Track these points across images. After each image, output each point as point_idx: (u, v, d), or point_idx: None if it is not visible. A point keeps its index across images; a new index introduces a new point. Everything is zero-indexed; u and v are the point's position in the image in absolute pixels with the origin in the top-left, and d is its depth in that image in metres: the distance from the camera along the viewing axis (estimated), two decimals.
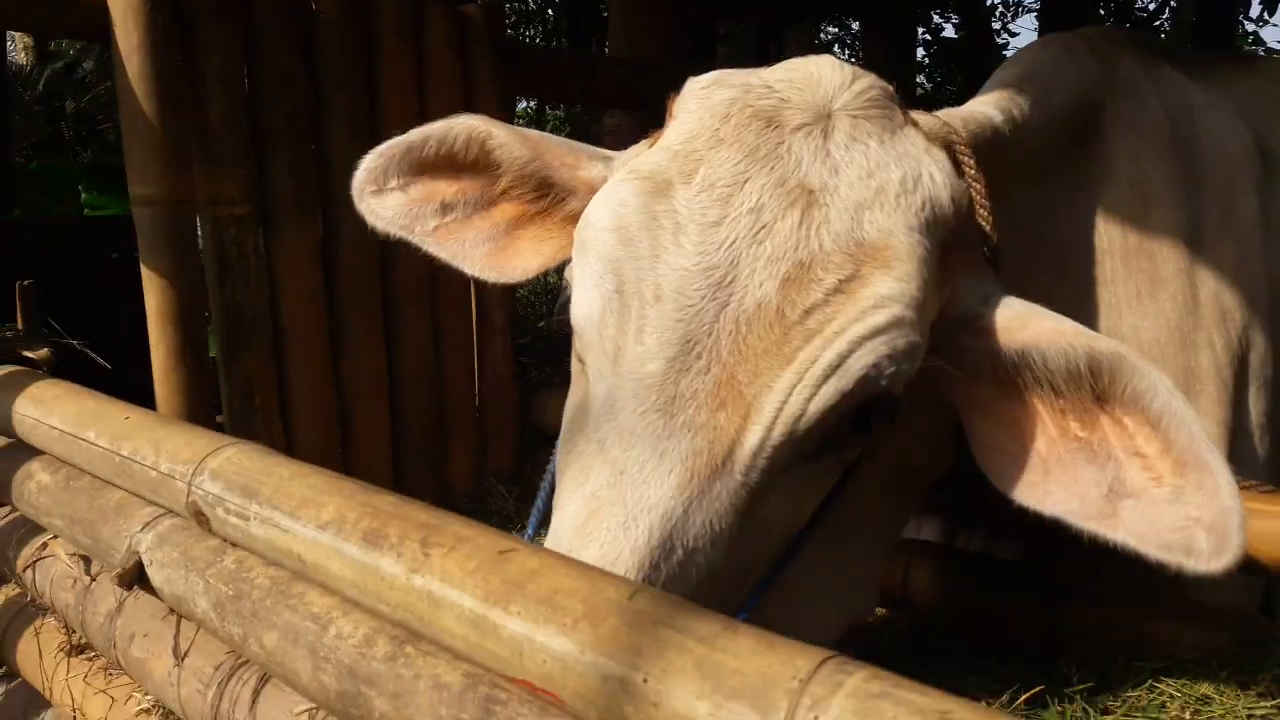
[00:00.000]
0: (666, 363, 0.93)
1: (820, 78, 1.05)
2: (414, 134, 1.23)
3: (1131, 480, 0.90)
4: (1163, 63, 1.79)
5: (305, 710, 0.96)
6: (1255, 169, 1.75)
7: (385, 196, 1.26)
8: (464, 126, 1.23)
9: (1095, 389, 0.95)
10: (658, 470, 0.90)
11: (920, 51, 10.68)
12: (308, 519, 0.93)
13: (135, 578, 1.16)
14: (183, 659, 1.11)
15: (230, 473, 1.05)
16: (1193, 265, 1.61)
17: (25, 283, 1.68)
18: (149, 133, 1.50)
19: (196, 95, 1.59)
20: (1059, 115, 1.48)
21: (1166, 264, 1.59)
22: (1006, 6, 13.13)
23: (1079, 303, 1.57)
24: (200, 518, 1.08)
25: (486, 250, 1.28)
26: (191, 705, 1.08)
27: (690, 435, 0.90)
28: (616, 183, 1.03)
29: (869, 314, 0.91)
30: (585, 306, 1.00)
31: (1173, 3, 9.30)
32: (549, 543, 0.92)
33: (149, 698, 1.26)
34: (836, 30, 14.01)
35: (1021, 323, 1.00)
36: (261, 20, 1.64)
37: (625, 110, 2.67)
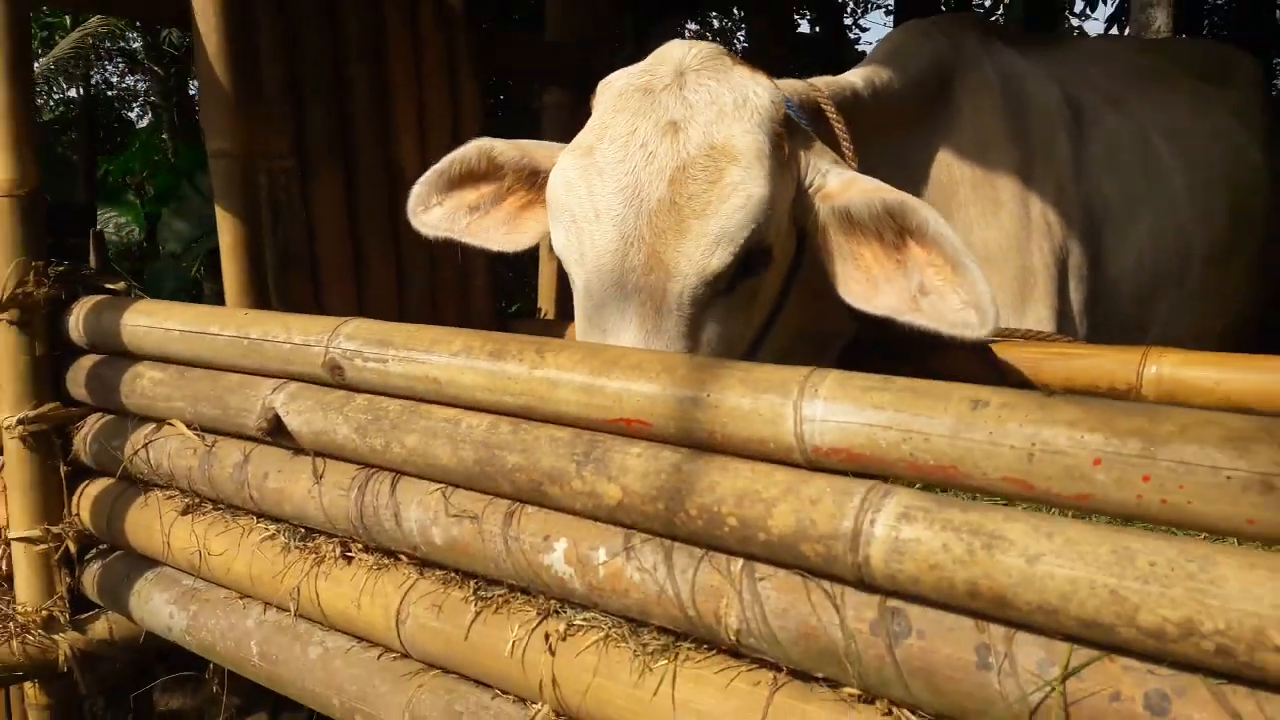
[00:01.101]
0: (612, 255, 1.41)
1: (672, 53, 1.56)
2: (441, 162, 1.70)
3: (929, 283, 1.40)
4: (996, 40, 2.34)
5: (437, 489, 1.38)
6: (1066, 118, 2.31)
7: (430, 212, 1.73)
8: (474, 147, 1.70)
9: (899, 226, 1.44)
10: (622, 322, 1.40)
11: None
12: (441, 351, 1.35)
13: (274, 428, 1.56)
14: (320, 478, 1.51)
15: (363, 334, 1.46)
16: (1024, 191, 2.15)
17: (97, 229, 2.01)
18: (223, 98, 1.86)
19: (254, 67, 1.96)
20: (915, 81, 2.01)
21: (1004, 191, 2.13)
22: (857, 3, 14.03)
23: (946, 215, 2.09)
24: (336, 371, 1.48)
25: (503, 232, 1.76)
26: (336, 508, 1.48)
27: (638, 294, 1.39)
28: (561, 157, 1.51)
29: (729, 192, 1.39)
30: (560, 240, 1.50)
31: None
32: None
33: (272, 525, 1.65)
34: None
35: (845, 185, 1.51)
36: (300, 7, 2.01)
37: (563, 88, 3.09)
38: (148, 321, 1.80)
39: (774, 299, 1.54)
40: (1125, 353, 1.63)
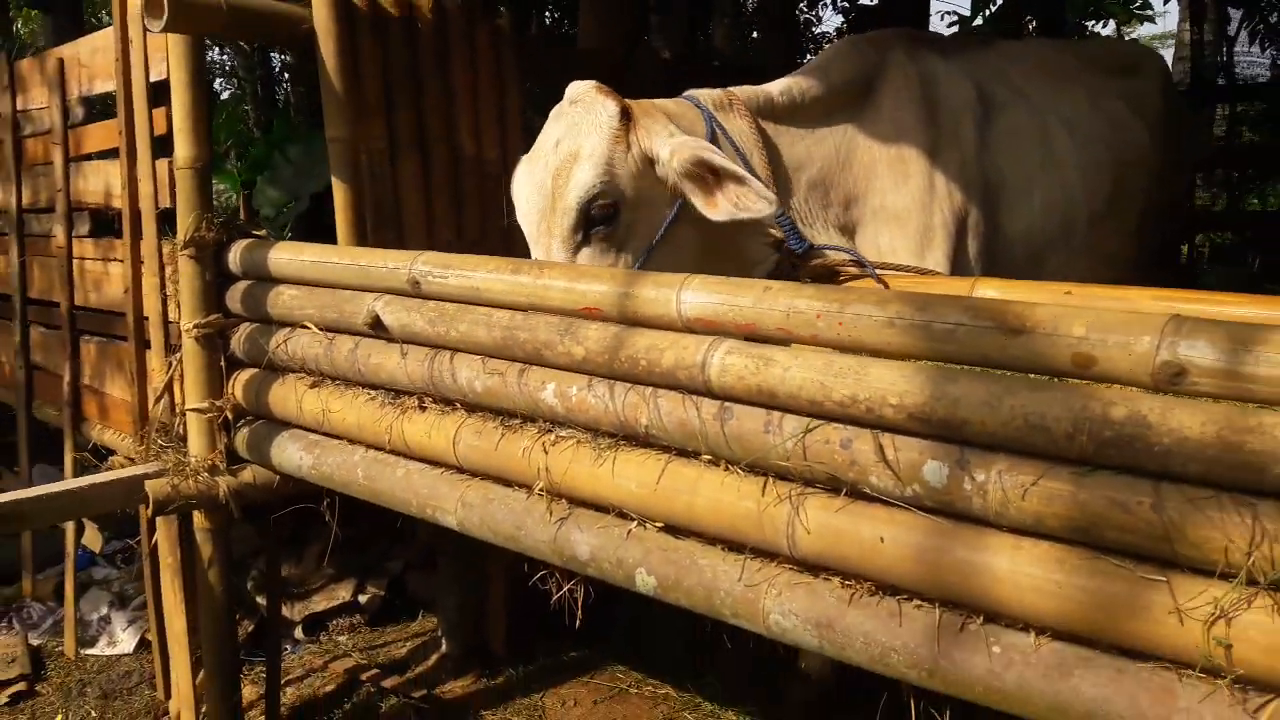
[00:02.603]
0: (533, 221, 2.25)
1: (574, 90, 2.37)
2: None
3: (739, 195, 2.15)
4: (924, 48, 3.00)
5: (477, 358, 2.15)
6: (975, 110, 2.96)
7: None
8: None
9: (708, 167, 2.17)
10: (543, 254, 2.20)
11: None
12: (480, 270, 2.12)
13: (375, 324, 2.35)
14: (405, 355, 2.30)
15: (432, 260, 2.24)
16: (930, 167, 2.82)
17: (245, 192, 2.82)
18: (337, 101, 2.65)
19: (358, 78, 2.75)
20: (838, 86, 2.70)
21: (913, 166, 2.80)
22: None
23: (864, 189, 2.79)
24: (415, 285, 2.26)
25: None
26: (415, 374, 2.27)
27: (545, 240, 2.23)
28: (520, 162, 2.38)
29: (574, 179, 2.19)
30: (519, 212, 2.32)
31: None
32: None
33: (373, 391, 2.44)
34: None
35: (671, 152, 2.24)
36: (392, 31, 2.79)
37: None
38: (287, 255, 2.61)
39: (648, 239, 2.28)
40: (960, 281, 2.33)
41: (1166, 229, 3.46)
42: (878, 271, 2.48)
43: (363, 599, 4.04)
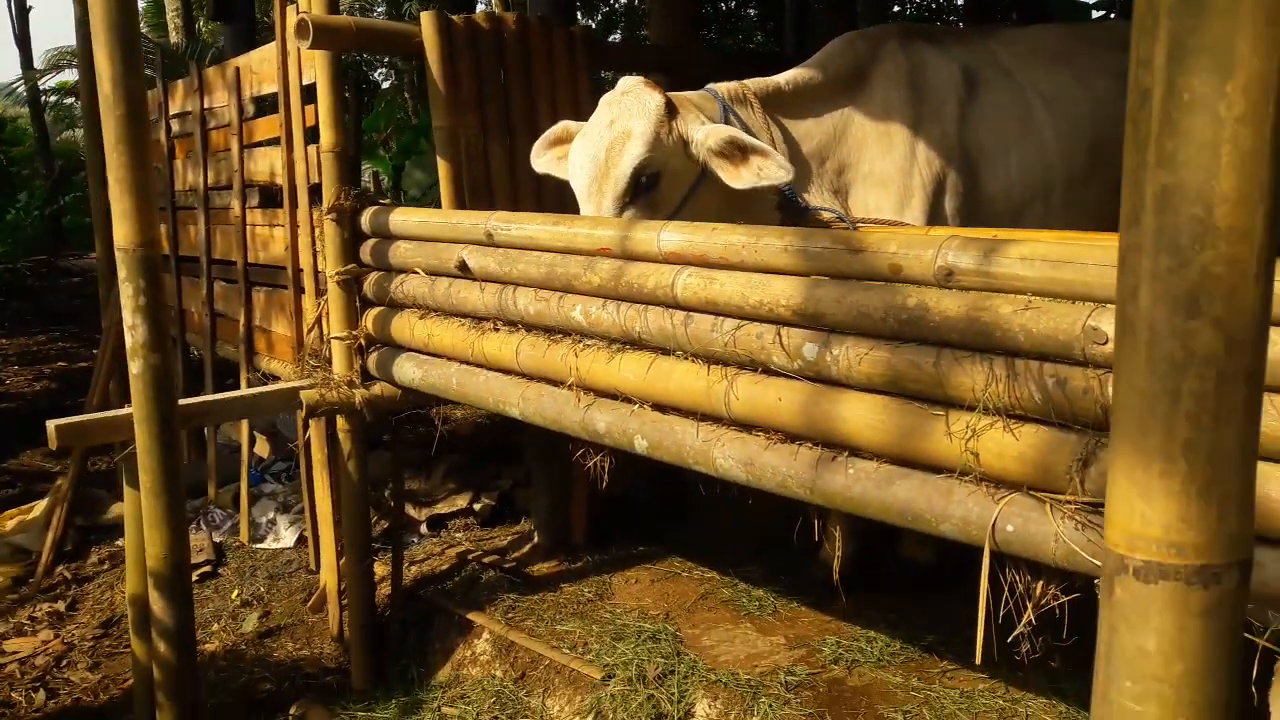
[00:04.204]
0: (586, 184, 2.90)
1: (625, 83, 2.99)
2: (547, 132, 3.19)
3: (761, 165, 2.79)
4: (917, 39, 3.57)
5: (531, 289, 2.92)
6: (959, 90, 3.52)
7: (539, 158, 3.23)
8: (561, 125, 3.18)
9: (737, 144, 2.83)
10: (594, 210, 2.87)
11: None
12: (534, 224, 2.89)
13: (462, 267, 3.14)
14: (483, 289, 3.09)
15: (500, 217, 3.02)
16: (913, 138, 3.41)
17: (366, 176, 3.66)
18: (439, 96, 3.47)
19: (458, 78, 3.55)
20: (834, 76, 3.32)
21: (897, 136, 3.40)
22: None
23: (856, 159, 3.41)
24: (489, 236, 3.05)
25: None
26: (490, 302, 3.05)
27: (597, 199, 2.87)
28: (576, 136, 3.01)
29: (628, 153, 2.83)
30: (572, 177, 2.99)
31: None
32: None
33: (462, 320, 3.24)
34: None
35: (705, 135, 2.89)
36: (483, 40, 3.59)
37: (660, 74, 4.53)
38: (402, 218, 3.44)
39: (676, 203, 2.95)
40: (920, 229, 2.95)
41: None
42: (858, 225, 3.11)
43: (477, 507, 4.91)
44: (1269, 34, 0.81)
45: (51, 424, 3.27)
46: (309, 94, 3.77)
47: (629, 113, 2.93)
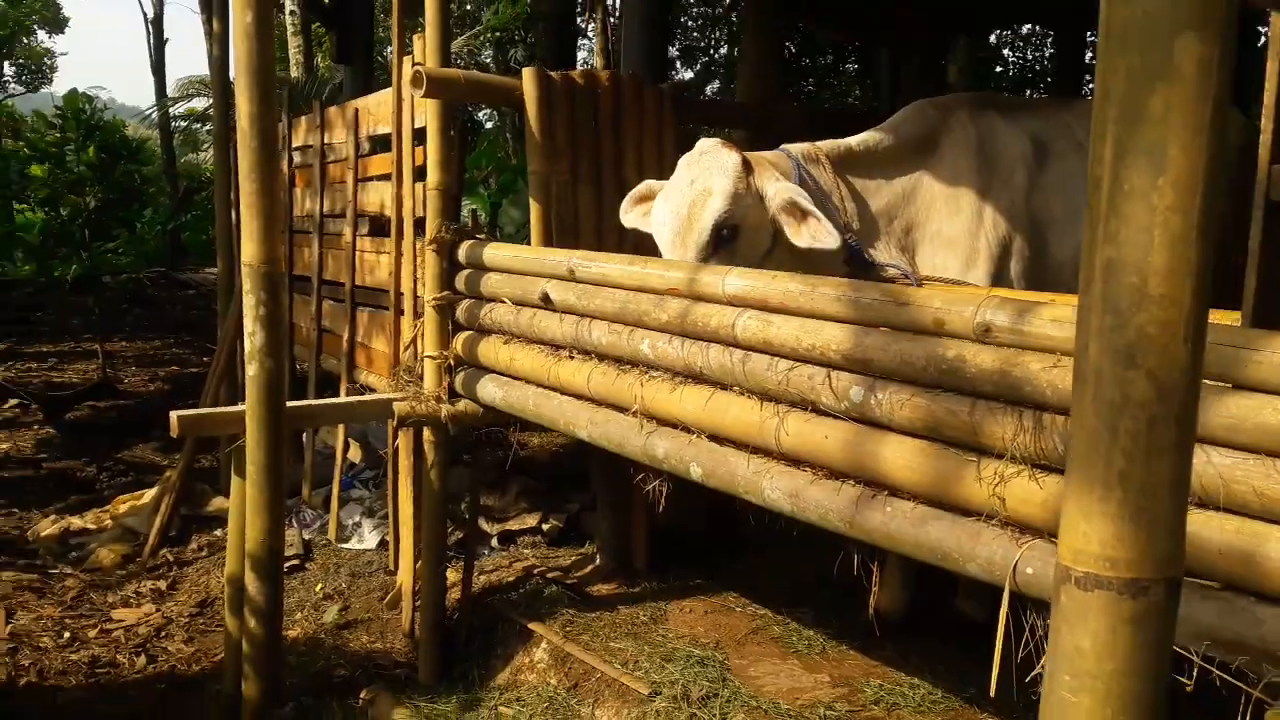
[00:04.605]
0: (670, 238, 3.10)
1: (703, 144, 3.21)
2: (633, 191, 3.43)
3: (814, 228, 2.98)
4: (990, 109, 3.74)
5: (604, 322, 3.16)
6: (1028, 159, 3.67)
7: (627, 214, 3.48)
8: (645, 184, 3.43)
9: (796, 208, 3.03)
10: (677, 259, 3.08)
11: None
12: (610, 263, 3.13)
13: (545, 300, 3.40)
14: (561, 320, 3.34)
15: (581, 256, 3.27)
16: (980, 203, 3.57)
17: (465, 213, 3.97)
18: (535, 144, 3.77)
19: (554, 128, 3.85)
20: (905, 141, 3.51)
21: (965, 200, 3.56)
22: None
23: (924, 219, 3.57)
24: (570, 272, 3.30)
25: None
26: (568, 332, 3.29)
27: (680, 251, 3.07)
28: (659, 195, 3.24)
29: (709, 208, 3.03)
30: (656, 231, 3.20)
31: None
32: None
33: (541, 347, 3.49)
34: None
35: (775, 193, 3.09)
36: (578, 95, 3.89)
37: (743, 129, 4.77)
38: (494, 252, 3.73)
39: (755, 255, 3.15)
40: (980, 289, 3.10)
41: (1227, 260, 3.98)
42: (923, 282, 3.28)
43: (545, 527, 5.15)
44: (1194, 140, 1.00)
45: (174, 414, 3.63)
46: (419, 135, 4.11)
47: (708, 171, 3.14)
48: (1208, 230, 1.03)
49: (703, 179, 3.13)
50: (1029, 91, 14.44)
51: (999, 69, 13.99)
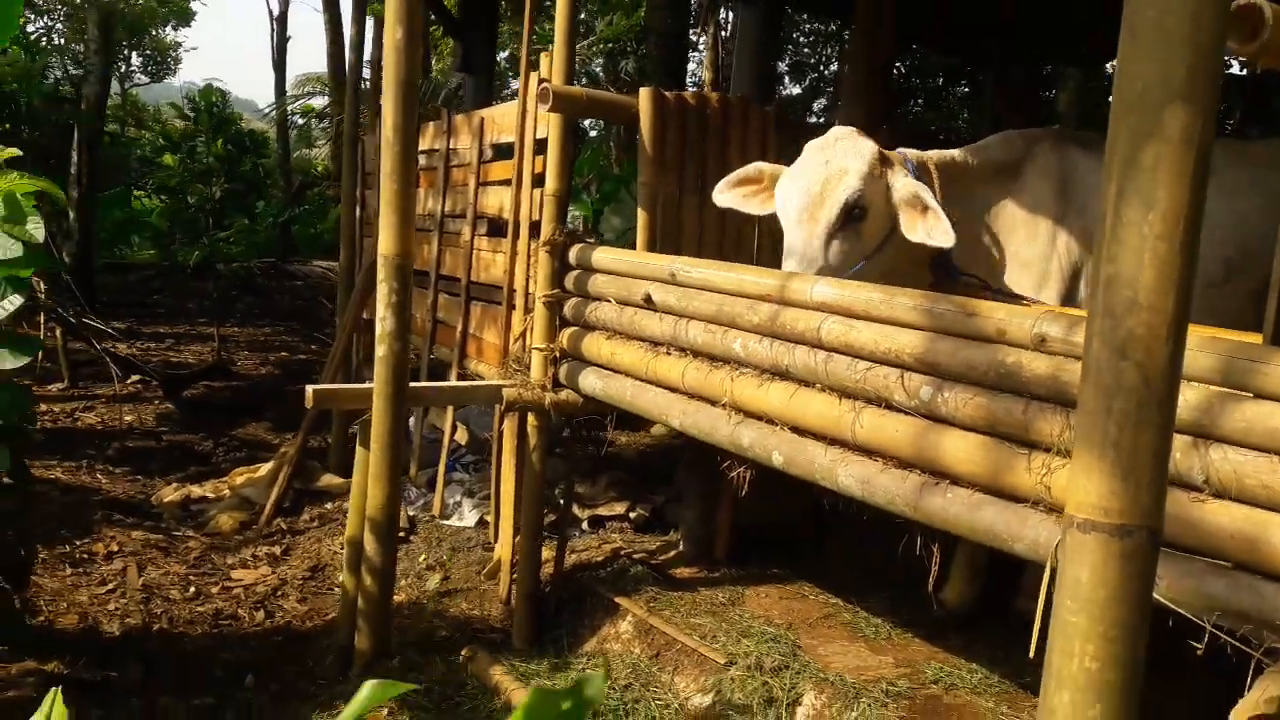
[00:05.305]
0: (797, 212, 3.41)
1: (837, 131, 3.50)
2: (737, 171, 3.77)
3: (931, 224, 3.27)
4: (1071, 144, 3.97)
5: (702, 322, 3.50)
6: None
7: (723, 193, 3.81)
8: (754, 166, 3.76)
9: (919, 202, 3.31)
10: (796, 240, 3.39)
11: None
12: (710, 269, 3.48)
13: (647, 300, 3.77)
14: (661, 319, 3.69)
15: (682, 261, 3.63)
16: (1055, 229, 3.81)
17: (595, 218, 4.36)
18: (647, 158, 4.15)
19: (665, 144, 4.23)
20: (993, 164, 3.78)
21: (1041, 227, 3.80)
22: None
23: (1005, 238, 3.83)
24: (672, 276, 3.66)
25: (755, 205, 3.79)
26: (666, 331, 3.64)
27: (808, 226, 3.38)
28: (783, 174, 3.54)
29: (844, 185, 3.34)
30: (781, 207, 3.51)
31: None
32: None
33: (640, 343, 3.85)
34: None
35: (901, 186, 3.38)
36: (689, 113, 4.27)
37: None
38: (602, 255, 4.11)
39: (874, 242, 3.43)
40: (1049, 306, 3.36)
41: None
42: (998, 293, 3.55)
43: (632, 515, 5.51)
44: (1178, 184, 1.31)
45: (310, 388, 4.09)
46: (539, 145, 4.52)
47: (845, 154, 3.41)
48: (1190, 254, 1.34)
49: (839, 160, 3.40)
50: None
51: (1111, 99, 13.95)
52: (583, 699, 0.67)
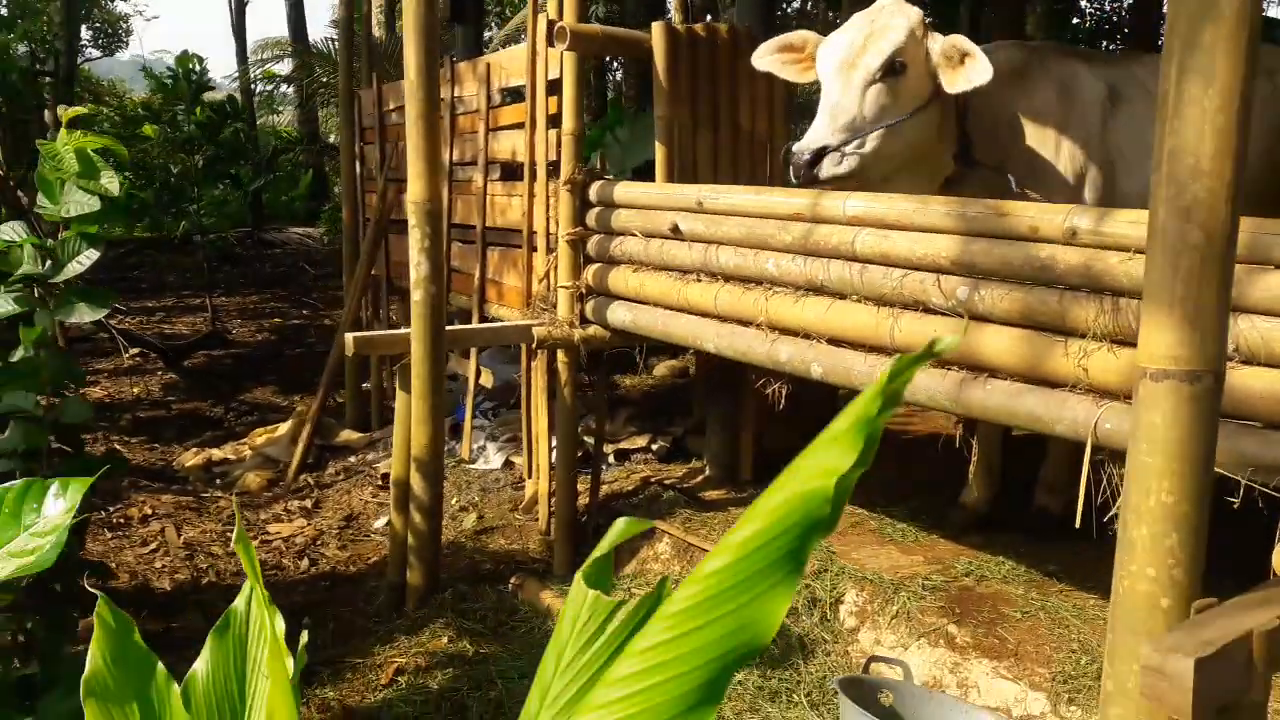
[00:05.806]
0: (837, 63, 3.48)
1: (882, 1, 3.60)
2: (781, 36, 3.81)
3: (968, 65, 3.37)
4: (1071, 57, 4.11)
5: (731, 246, 3.65)
6: (1103, 100, 4.05)
7: (763, 57, 3.85)
8: (800, 33, 3.84)
9: (959, 51, 3.42)
10: (834, 88, 3.43)
11: None
12: (738, 194, 3.62)
13: (674, 230, 3.90)
14: (690, 247, 3.84)
15: (708, 189, 3.76)
16: (1059, 137, 3.96)
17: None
18: (662, 91, 4.26)
19: (677, 75, 4.34)
20: (1000, 69, 3.90)
21: (1046, 133, 3.95)
22: None
23: (1011, 140, 3.99)
24: (699, 204, 3.80)
25: (795, 72, 3.87)
26: (695, 259, 3.79)
27: (846, 74, 3.44)
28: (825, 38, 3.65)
29: (889, 38, 3.41)
30: (821, 63, 3.60)
31: None
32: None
33: (669, 273, 4.00)
34: None
35: (940, 39, 3.48)
36: (699, 46, 4.37)
37: None
38: (624, 189, 4.24)
39: (908, 106, 3.50)
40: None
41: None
42: (1013, 189, 3.71)
43: (654, 446, 5.70)
44: (1234, 62, 1.46)
45: (349, 335, 4.22)
46: (550, 87, 4.62)
47: (892, 14, 3.47)
48: (1244, 125, 1.49)
49: (883, 19, 3.46)
50: (1104, 44, 14.49)
51: (1075, 20, 14.07)
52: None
